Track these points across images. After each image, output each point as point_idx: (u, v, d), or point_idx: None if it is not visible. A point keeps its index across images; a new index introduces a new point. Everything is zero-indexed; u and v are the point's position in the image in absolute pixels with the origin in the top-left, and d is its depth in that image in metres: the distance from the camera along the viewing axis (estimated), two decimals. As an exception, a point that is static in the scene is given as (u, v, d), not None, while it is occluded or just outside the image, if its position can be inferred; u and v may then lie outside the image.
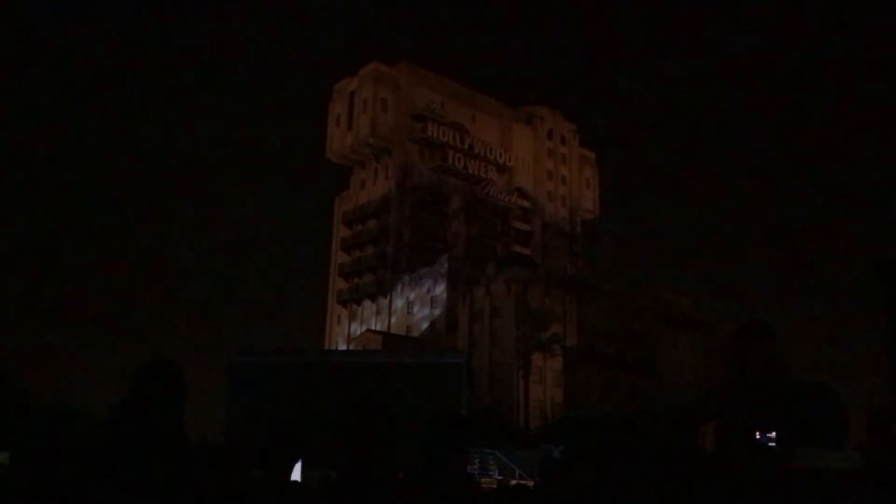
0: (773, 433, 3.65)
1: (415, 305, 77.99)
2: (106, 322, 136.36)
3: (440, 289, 75.60)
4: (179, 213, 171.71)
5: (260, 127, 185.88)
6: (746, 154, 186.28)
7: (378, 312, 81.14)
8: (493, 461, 41.07)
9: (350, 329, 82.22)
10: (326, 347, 79.95)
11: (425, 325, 75.87)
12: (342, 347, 77.08)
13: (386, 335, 72.80)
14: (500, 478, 35.26)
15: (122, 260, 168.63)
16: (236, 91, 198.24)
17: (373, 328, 77.36)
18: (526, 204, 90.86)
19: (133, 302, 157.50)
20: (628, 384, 72.27)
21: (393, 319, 79.03)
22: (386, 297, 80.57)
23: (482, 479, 32.64)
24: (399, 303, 79.45)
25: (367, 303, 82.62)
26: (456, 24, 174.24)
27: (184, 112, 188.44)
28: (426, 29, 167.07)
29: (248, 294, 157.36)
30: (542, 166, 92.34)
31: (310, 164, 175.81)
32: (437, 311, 75.48)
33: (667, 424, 47.32)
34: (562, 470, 4.59)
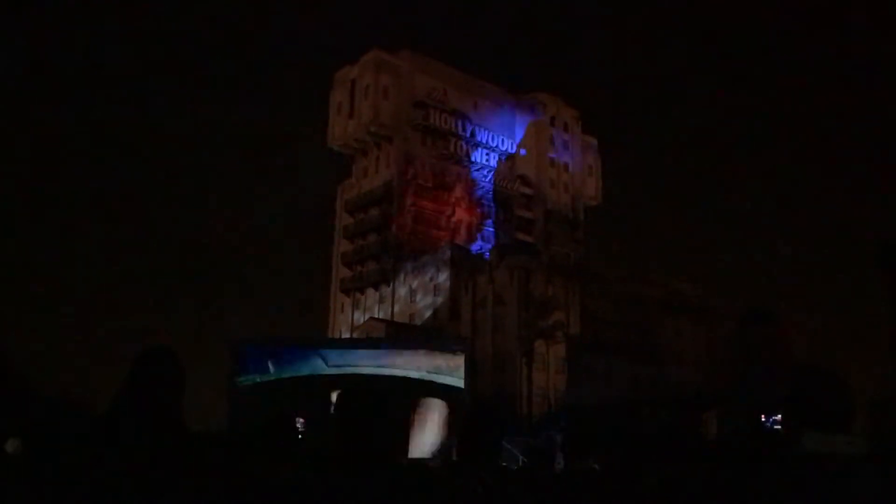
0: (779, 416, 3.61)
1: (418, 293, 78.01)
2: (107, 311, 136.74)
3: (443, 277, 75.59)
4: (180, 203, 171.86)
5: (261, 116, 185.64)
6: (751, 138, 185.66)
7: (381, 300, 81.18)
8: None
9: (353, 317, 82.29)
10: (330, 335, 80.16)
11: (428, 313, 75.93)
12: (346, 335, 77.21)
13: (389, 323, 72.88)
14: (503, 464, 35.42)
15: (124, 249, 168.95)
16: (237, 80, 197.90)
17: (376, 316, 77.44)
18: (528, 191, 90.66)
19: (134, 291, 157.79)
20: (631, 371, 72.37)
21: (396, 307, 79.08)
22: (389, 286, 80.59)
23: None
24: (402, 291, 79.47)
25: (370, 291, 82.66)
26: (456, 10, 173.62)
27: (185, 101, 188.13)
28: (427, 15, 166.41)
29: (250, 283, 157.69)
30: (545, 153, 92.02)
31: (312, 152, 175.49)
32: (439, 299, 75.50)
33: (669, 411, 47.42)
34: (546, 456, 4.57)
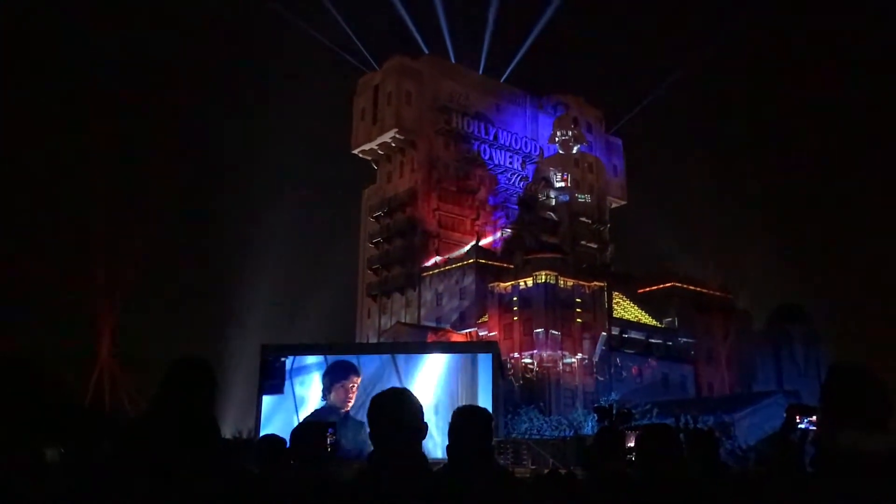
0: (814, 417, 3.56)
1: (444, 297, 78.02)
2: (133, 316, 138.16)
3: (469, 280, 75.55)
4: (205, 211, 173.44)
5: (286, 124, 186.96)
6: (779, 136, 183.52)
7: (407, 305, 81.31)
8: (527, 450, 41.11)
9: (380, 322, 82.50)
10: (357, 341, 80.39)
11: (455, 317, 75.89)
12: (373, 340, 77.40)
13: (416, 327, 72.95)
14: (533, 467, 35.24)
15: (152, 259, 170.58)
16: (261, 88, 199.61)
17: (403, 320, 77.57)
18: (553, 193, 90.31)
19: (160, 298, 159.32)
20: (661, 372, 71.77)
21: (423, 311, 79.16)
22: (415, 290, 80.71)
23: (515, 469, 32.59)
24: (428, 295, 79.54)
25: (396, 295, 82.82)
26: (476, 14, 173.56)
27: (209, 111, 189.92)
28: (448, 21, 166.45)
29: (277, 290, 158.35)
30: (569, 154, 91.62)
31: (337, 159, 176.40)
32: (466, 303, 75.45)
33: (701, 412, 46.97)
34: (603, 458, 4.50)
